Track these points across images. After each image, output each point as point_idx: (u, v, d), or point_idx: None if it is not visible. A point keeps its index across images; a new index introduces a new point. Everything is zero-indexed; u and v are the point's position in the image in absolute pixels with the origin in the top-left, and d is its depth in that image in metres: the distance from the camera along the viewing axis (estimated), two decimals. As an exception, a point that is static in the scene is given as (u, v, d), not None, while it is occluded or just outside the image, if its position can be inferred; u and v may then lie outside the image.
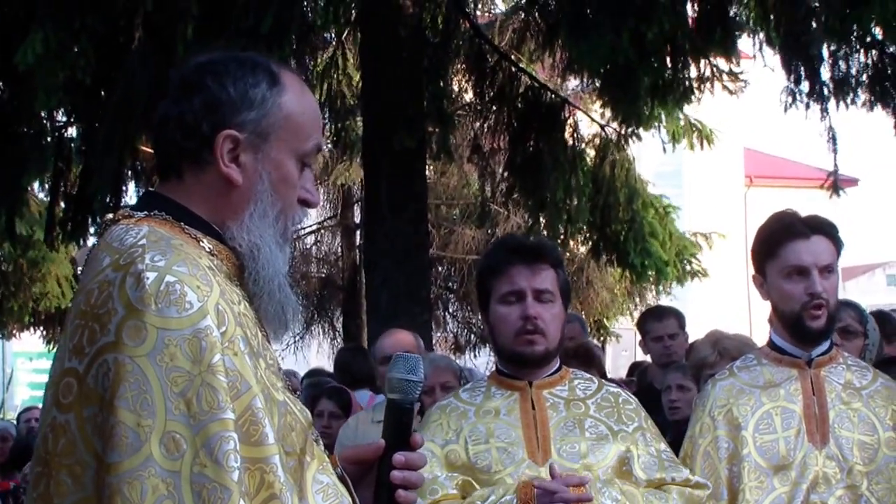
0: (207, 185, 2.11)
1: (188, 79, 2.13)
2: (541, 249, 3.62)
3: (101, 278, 1.97)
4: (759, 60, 8.93)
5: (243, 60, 2.15)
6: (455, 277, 19.20)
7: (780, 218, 3.75)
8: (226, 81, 2.10)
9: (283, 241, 2.16)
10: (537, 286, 3.48)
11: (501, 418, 3.48)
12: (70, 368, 1.95)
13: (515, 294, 3.48)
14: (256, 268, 2.11)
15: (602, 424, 3.48)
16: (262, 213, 2.11)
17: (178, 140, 2.11)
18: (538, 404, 3.50)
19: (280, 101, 2.12)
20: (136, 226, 2.05)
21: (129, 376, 1.88)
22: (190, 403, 1.88)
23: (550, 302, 3.50)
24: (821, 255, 3.62)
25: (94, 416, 1.91)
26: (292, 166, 2.15)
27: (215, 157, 2.09)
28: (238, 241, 2.11)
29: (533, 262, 3.50)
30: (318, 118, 2.24)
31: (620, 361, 20.59)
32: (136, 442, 1.86)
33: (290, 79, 2.17)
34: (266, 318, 2.14)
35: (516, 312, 3.47)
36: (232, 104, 2.09)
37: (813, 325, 3.64)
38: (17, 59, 6.95)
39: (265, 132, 2.11)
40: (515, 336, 3.49)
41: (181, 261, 1.96)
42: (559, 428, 3.45)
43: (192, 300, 1.92)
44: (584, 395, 3.55)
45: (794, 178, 34.84)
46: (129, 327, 1.90)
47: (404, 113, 9.12)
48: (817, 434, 3.60)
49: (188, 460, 1.86)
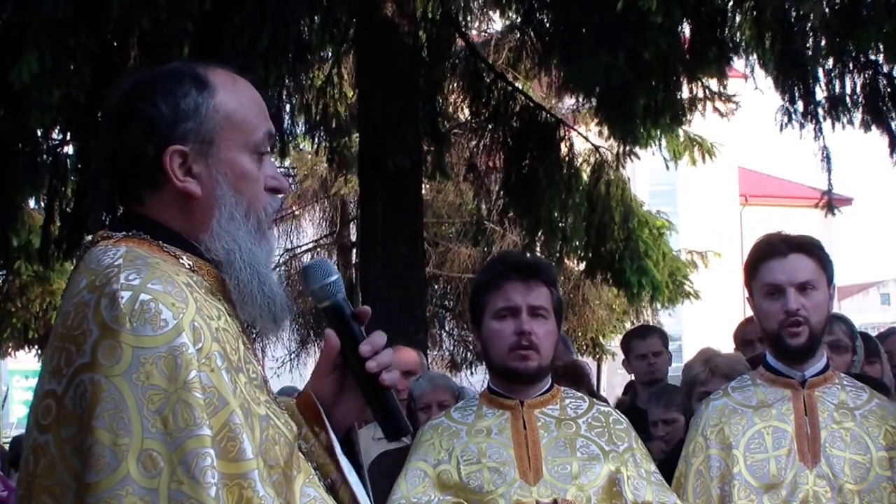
0: (168, 204, 2.11)
1: (120, 107, 2.13)
2: (536, 267, 3.65)
3: (77, 300, 1.98)
4: (751, 83, 8.95)
5: (167, 74, 2.14)
6: (451, 296, 19.21)
7: (763, 238, 3.78)
8: (156, 100, 2.09)
9: (260, 236, 2.15)
10: (532, 302, 3.48)
11: (493, 438, 3.48)
12: (49, 390, 1.96)
13: (510, 309, 3.48)
14: (235, 272, 2.11)
15: (593, 444, 3.48)
16: (229, 217, 2.11)
17: (128, 169, 2.11)
18: (529, 424, 3.49)
19: (214, 102, 2.11)
20: (115, 246, 2.06)
21: (105, 396, 1.88)
22: (166, 421, 1.88)
23: (544, 318, 3.50)
24: (797, 272, 3.62)
25: (72, 437, 1.91)
26: (247, 161, 2.14)
27: (168, 175, 2.08)
28: (213, 251, 2.11)
29: (528, 279, 3.51)
30: (260, 104, 2.21)
31: (616, 379, 20.58)
32: (113, 461, 1.86)
33: (219, 77, 2.16)
34: (255, 320, 2.14)
35: (510, 328, 3.47)
36: (167, 120, 2.09)
37: (792, 342, 3.64)
38: (13, 77, 6.95)
39: (209, 137, 2.10)
40: (509, 351, 3.48)
41: (156, 279, 1.96)
42: (551, 448, 3.45)
43: (167, 318, 1.92)
44: (575, 415, 3.55)
45: (789, 196, 34.94)
46: (105, 347, 1.90)
47: (400, 132, 9.12)
48: (808, 454, 3.60)
49: (165, 478, 1.86)
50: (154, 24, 7.04)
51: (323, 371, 2.30)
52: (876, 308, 37.44)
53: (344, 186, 17.07)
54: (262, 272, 2.13)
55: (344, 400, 2.30)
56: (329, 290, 2.26)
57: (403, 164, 8.95)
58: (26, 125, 7.84)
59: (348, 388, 2.29)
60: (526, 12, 10.26)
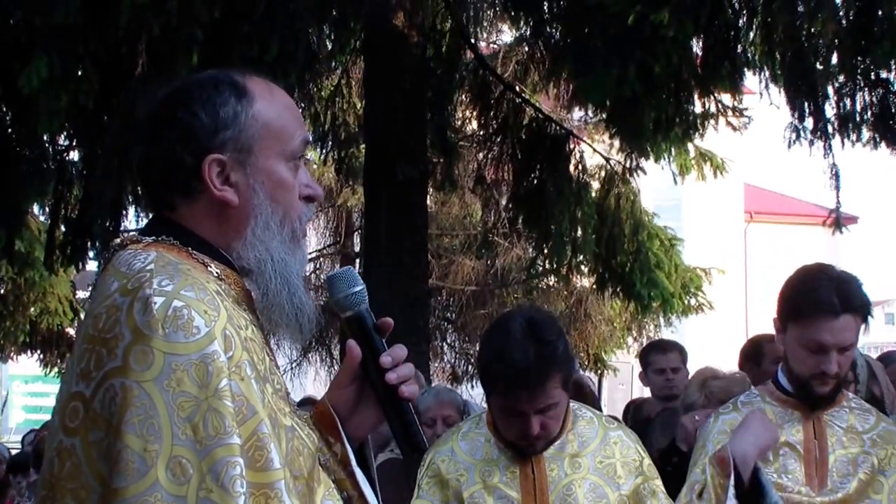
0: (201, 212, 2.11)
1: (157, 116, 2.12)
2: (543, 371, 3.24)
3: (108, 303, 1.96)
4: (766, 98, 8.91)
5: (205, 82, 2.13)
6: (453, 308, 19.18)
7: (815, 285, 3.60)
8: (195, 108, 2.08)
9: (294, 244, 2.16)
10: (540, 406, 3.28)
11: (501, 481, 3.41)
12: (77, 392, 1.94)
13: (516, 412, 3.31)
14: (265, 281, 2.11)
15: (602, 486, 3.41)
16: (264, 226, 2.11)
17: (163, 177, 2.11)
18: (538, 469, 3.41)
19: (253, 111, 2.11)
20: (145, 251, 2.05)
21: (135, 401, 1.87)
22: (196, 428, 1.87)
23: (554, 409, 3.32)
24: (844, 335, 3.54)
25: (100, 441, 1.90)
26: (284, 170, 2.14)
27: (205, 184, 2.08)
28: (245, 259, 2.11)
29: (536, 386, 3.24)
30: (295, 112, 2.21)
31: (617, 395, 20.52)
32: (142, 467, 1.85)
33: (256, 85, 2.15)
34: (280, 329, 2.15)
35: (517, 425, 3.33)
36: (206, 129, 2.08)
37: (818, 390, 3.63)
38: (22, 82, 6.95)
39: (247, 146, 2.10)
40: (516, 438, 3.39)
41: (189, 285, 1.96)
42: (558, 493, 3.37)
43: (199, 325, 1.92)
44: (582, 449, 3.46)
45: (794, 214, 34.94)
46: (137, 352, 1.89)
47: (407, 142, 9.11)
48: (815, 477, 3.59)
49: (194, 485, 1.85)
50: (164, 31, 7.03)
51: (342, 381, 2.29)
52: (880, 327, 37.43)
53: (351, 197, 17.06)
54: (293, 282, 2.14)
55: (359, 413, 2.29)
56: (353, 300, 2.24)
57: (411, 173, 8.93)
58: (34, 130, 7.84)
59: (365, 400, 2.28)
60: (535, 24, 10.24)
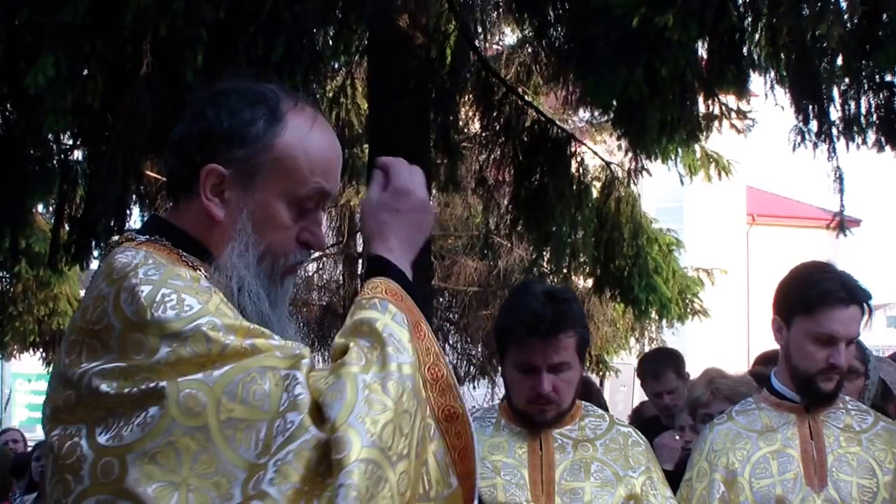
0: (195, 213, 2.10)
1: (196, 105, 2.12)
2: (558, 321, 3.37)
3: (95, 294, 1.98)
4: (769, 101, 8.91)
5: (249, 93, 2.10)
6: (456, 309, 19.17)
7: (821, 276, 3.66)
8: (223, 113, 2.07)
9: (270, 282, 2.11)
10: (552, 361, 3.37)
11: (509, 456, 3.45)
12: (67, 381, 1.95)
13: (529, 367, 3.40)
14: (244, 301, 2.08)
15: (608, 469, 3.44)
16: (241, 252, 2.07)
17: (177, 166, 2.11)
18: (546, 445, 3.47)
19: (274, 141, 2.07)
20: (136, 248, 2.05)
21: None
22: (203, 367, 1.87)
23: (566, 370, 3.41)
24: (852, 326, 3.60)
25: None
26: (281, 208, 2.09)
27: (199, 188, 2.08)
28: (223, 274, 2.08)
29: (549, 336, 3.35)
30: (327, 161, 2.13)
31: (618, 396, 20.52)
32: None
33: (298, 116, 2.10)
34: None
35: (528, 382, 3.40)
36: (223, 137, 2.06)
37: (824, 387, 3.65)
38: (28, 81, 6.97)
39: (252, 171, 2.06)
40: (527, 402, 3.44)
41: (176, 275, 1.96)
42: (565, 471, 3.41)
43: (191, 304, 1.91)
44: (593, 436, 3.52)
45: (796, 216, 34.94)
46: (130, 341, 1.89)
47: (411, 143, 9.11)
48: (815, 478, 3.60)
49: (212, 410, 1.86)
50: (169, 32, 7.05)
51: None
52: (882, 330, 37.41)
53: (354, 197, 17.07)
54: (264, 311, 2.10)
55: None
56: None
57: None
58: (39, 129, 7.85)
59: None
60: (539, 27, 10.24)
